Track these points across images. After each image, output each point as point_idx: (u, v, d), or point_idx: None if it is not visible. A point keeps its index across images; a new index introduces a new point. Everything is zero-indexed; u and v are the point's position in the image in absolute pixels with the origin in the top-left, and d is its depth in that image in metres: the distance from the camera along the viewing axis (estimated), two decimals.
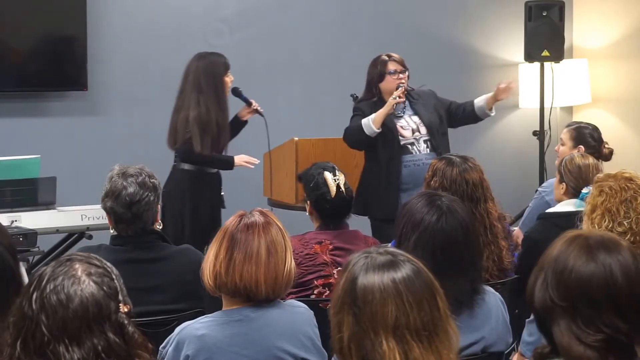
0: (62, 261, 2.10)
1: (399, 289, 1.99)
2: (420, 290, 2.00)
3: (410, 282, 2.01)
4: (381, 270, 2.02)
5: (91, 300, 2.03)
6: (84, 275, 2.06)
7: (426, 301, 2.00)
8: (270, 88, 6.95)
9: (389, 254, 2.08)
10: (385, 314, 1.97)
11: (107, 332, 2.02)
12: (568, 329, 2.02)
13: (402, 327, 1.96)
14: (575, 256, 2.07)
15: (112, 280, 2.09)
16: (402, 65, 5.48)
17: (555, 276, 2.08)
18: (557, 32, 7.08)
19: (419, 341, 1.96)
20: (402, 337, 1.96)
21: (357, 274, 2.04)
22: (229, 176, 5.65)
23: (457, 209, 3.02)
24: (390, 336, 1.96)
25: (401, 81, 5.43)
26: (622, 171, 3.48)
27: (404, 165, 5.37)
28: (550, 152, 6.41)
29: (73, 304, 2.01)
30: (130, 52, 5.94)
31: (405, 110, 5.48)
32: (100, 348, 2.00)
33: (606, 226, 3.28)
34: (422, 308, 1.99)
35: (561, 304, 2.04)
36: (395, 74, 5.45)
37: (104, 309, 2.04)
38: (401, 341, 1.96)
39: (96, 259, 2.13)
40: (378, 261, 2.05)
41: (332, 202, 3.94)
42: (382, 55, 5.53)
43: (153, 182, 3.60)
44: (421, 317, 1.98)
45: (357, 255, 2.10)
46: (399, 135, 5.39)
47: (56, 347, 1.99)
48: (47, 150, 5.58)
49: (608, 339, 2.00)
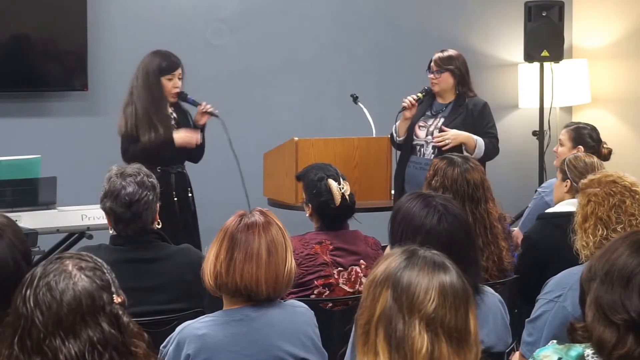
0: (53, 260, 2.12)
1: (445, 288, 2.00)
2: (460, 297, 2.01)
3: (455, 286, 2.01)
4: (431, 269, 2.03)
5: (84, 292, 2.04)
6: (75, 269, 2.07)
7: (463, 309, 2.00)
8: (270, 88, 6.97)
9: (438, 256, 2.08)
10: (425, 302, 1.97)
11: (102, 323, 2.03)
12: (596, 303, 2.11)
13: (437, 320, 1.96)
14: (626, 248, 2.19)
15: (104, 273, 2.11)
16: (438, 64, 5.43)
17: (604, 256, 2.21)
18: (557, 32, 7.09)
19: (449, 340, 1.96)
20: (435, 330, 1.96)
21: (404, 266, 2.03)
22: (229, 176, 5.66)
23: (454, 208, 3.02)
24: (424, 324, 1.95)
25: (432, 81, 5.43)
26: (605, 174, 3.43)
27: (408, 165, 5.41)
28: (550, 152, 6.42)
29: (66, 298, 2.02)
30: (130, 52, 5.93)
31: (441, 112, 5.46)
32: (96, 339, 2.01)
33: (601, 235, 3.26)
34: (459, 313, 1.99)
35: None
36: (432, 74, 5.46)
37: (98, 301, 2.05)
38: (433, 333, 1.96)
39: (87, 256, 2.14)
40: (428, 259, 2.05)
41: (336, 210, 3.94)
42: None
43: (151, 182, 3.60)
44: (456, 320, 1.98)
45: (403, 248, 2.10)
46: (414, 134, 5.43)
47: (52, 341, 2.00)
48: (48, 150, 5.58)
49: (631, 321, 2.08)
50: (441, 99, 5.48)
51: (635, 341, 2.07)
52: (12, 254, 2.61)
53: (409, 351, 1.95)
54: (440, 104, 5.48)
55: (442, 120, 5.40)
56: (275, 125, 6.75)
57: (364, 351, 2.00)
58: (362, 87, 6.58)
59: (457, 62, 5.42)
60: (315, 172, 4.01)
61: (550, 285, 3.27)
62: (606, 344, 2.09)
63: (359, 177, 5.56)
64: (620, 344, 2.08)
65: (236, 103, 6.83)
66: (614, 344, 2.08)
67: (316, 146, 5.60)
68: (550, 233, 4.07)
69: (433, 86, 5.45)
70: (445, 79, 5.41)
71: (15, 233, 2.69)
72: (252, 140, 6.63)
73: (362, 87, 6.61)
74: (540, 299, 3.28)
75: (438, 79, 5.41)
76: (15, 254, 2.60)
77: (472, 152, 5.23)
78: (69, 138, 6.37)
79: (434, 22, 7.38)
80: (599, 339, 2.11)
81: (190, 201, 5.39)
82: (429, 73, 5.46)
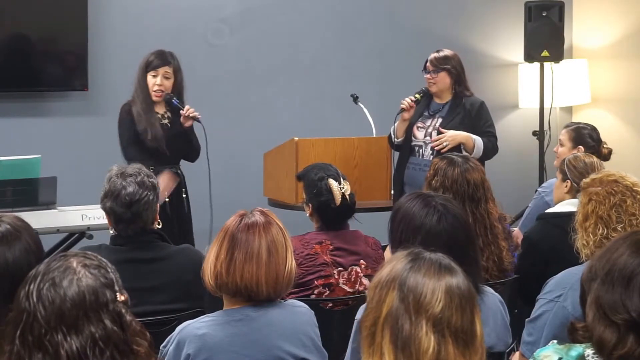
0: (57, 257, 2.12)
1: (452, 289, 2.00)
2: (467, 299, 2.01)
3: (461, 288, 2.01)
4: (437, 270, 2.03)
5: (88, 288, 2.04)
6: (80, 266, 2.07)
7: (469, 310, 2.00)
8: (271, 88, 6.97)
9: (444, 258, 2.08)
10: (432, 302, 1.97)
11: (105, 320, 2.03)
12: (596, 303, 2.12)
13: (444, 321, 1.96)
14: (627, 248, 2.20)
15: (108, 272, 2.11)
16: (434, 64, 5.43)
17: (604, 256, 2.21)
18: (557, 33, 7.09)
19: (455, 341, 1.96)
20: (442, 331, 1.96)
21: (410, 268, 2.03)
22: (229, 176, 5.66)
23: (453, 207, 3.01)
24: (431, 324, 1.95)
25: (429, 81, 5.43)
26: (607, 173, 3.44)
27: (407, 166, 5.41)
28: (550, 152, 6.42)
29: (70, 293, 2.02)
30: (130, 52, 5.94)
31: (438, 112, 5.46)
32: (98, 336, 2.01)
33: (601, 234, 3.26)
34: (466, 314, 1.99)
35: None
36: (428, 74, 5.46)
37: (101, 297, 2.04)
38: (440, 334, 1.95)
39: (91, 254, 2.14)
40: (435, 261, 2.05)
41: (336, 210, 3.94)
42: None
43: (152, 182, 3.60)
44: (463, 321, 1.98)
45: (408, 250, 2.10)
46: (412, 135, 5.43)
47: (54, 336, 1.99)
48: (48, 150, 5.58)
49: (632, 320, 2.08)
50: (438, 99, 5.48)
51: (635, 341, 2.08)
52: (28, 259, 2.62)
53: (415, 352, 1.94)
54: (438, 104, 5.48)
55: (440, 121, 5.40)
56: (275, 125, 6.75)
57: (369, 353, 2.00)
58: (362, 87, 6.58)
59: (453, 61, 5.43)
60: (315, 171, 4.01)
61: (550, 285, 3.27)
62: (606, 344, 2.09)
63: (359, 177, 5.56)
64: (620, 344, 2.08)
65: (236, 103, 6.83)
66: (615, 343, 2.09)
67: (316, 146, 5.60)
68: (550, 233, 4.07)
69: (430, 86, 5.45)
70: (442, 78, 5.41)
71: (32, 237, 2.71)
72: (252, 140, 6.63)
73: (362, 87, 6.61)
74: (540, 298, 3.28)
75: (435, 79, 5.41)
76: (30, 258, 2.62)
77: (470, 151, 5.23)
78: (69, 138, 6.37)
79: (434, 22, 7.38)
80: (599, 339, 2.11)
81: (184, 202, 5.36)
82: (425, 74, 5.46)
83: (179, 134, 5.28)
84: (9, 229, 2.73)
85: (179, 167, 5.36)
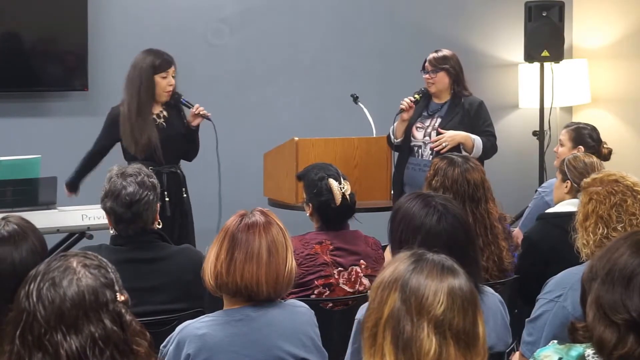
0: (57, 257, 2.12)
1: (454, 291, 1.99)
2: (469, 301, 2.01)
3: (464, 290, 2.01)
4: (440, 272, 2.02)
5: (88, 288, 2.04)
6: (80, 266, 2.07)
7: (472, 313, 2.00)
8: (271, 88, 6.97)
9: (446, 260, 2.08)
10: (434, 303, 1.97)
11: (105, 320, 2.03)
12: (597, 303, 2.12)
13: (446, 323, 1.96)
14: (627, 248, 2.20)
15: (108, 272, 2.11)
16: (433, 64, 5.43)
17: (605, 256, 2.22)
18: (557, 33, 7.09)
19: (457, 343, 1.96)
20: (443, 333, 1.95)
21: (412, 269, 2.03)
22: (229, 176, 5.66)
23: (453, 207, 3.01)
24: (432, 326, 1.95)
25: (428, 82, 5.44)
26: (607, 173, 3.45)
27: (407, 166, 5.41)
28: (550, 152, 6.42)
29: (70, 292, 2.02)
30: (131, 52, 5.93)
31: (437, 112, 5.45)
32: (98, 336, 2.01)
33: (601, 233, 3.26)
34: (468, 316, 1.99)
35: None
36: (426, 74, 5.46)
37: (101, 297, 2.04)
38: (441, 336, 1.95)
39: (91, 254, 2.14)
40: (437, 262, 2.05)
41: (336, 209, 3.94)
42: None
43: (152, 182, 3.60)
44: (465, 323, 1.98)
45: (410, 252, 2.09)
46: (412, 135, 5.43)
47: (54, 336, 1.99)
48: (48, 150, 5.58)
49: (632, 320, 2.08)
50: (437, 99, 5.48)
51: (635, 341, 2.08)
52: (34, 259, 2.64)
53: (416, 353, 1.94)
54: (437, 104, 5.48)
55: (439, 121, 5.40)
56: (276, 125, 6.76)
57: (370, 353, 2.00)
58: (362, 87, 6.58)
59: (452, 61, 5.43)
60: (316, 171, 4.01)
61: (550, 285, 3.27)
62: (607, 344, 2.10)
63: (359, 177, 5.56)
64: (620, 344, 2.08)
65: (236, 103, 6.83)
66: (615, 343, 2.09)
67: (316, 146, 5.60)
68: (550, 233, 4.07)
69: (429, 86, 5.45)
70: (441, 78, 5.41)
71: (38, 237, 2.72)
72: (252, 140, 6.63)
73: (362, 87, 6.61)
74: (540, 298, 3.28)
75: (434, 79, 5.42)
76: (36, 259, 2.63)
77: (470, 151, 5.23)
78: (69, 138, 6.36)
79: (434, 22, 7.38)
80: (599, 339, 2.11)
81: (185, 201, 5.35)
82: (423, 74, 5.46)
83: (176, 134, 5.27)
84: (16, 229, 2.74)
85: (178, 166, 5.36)
